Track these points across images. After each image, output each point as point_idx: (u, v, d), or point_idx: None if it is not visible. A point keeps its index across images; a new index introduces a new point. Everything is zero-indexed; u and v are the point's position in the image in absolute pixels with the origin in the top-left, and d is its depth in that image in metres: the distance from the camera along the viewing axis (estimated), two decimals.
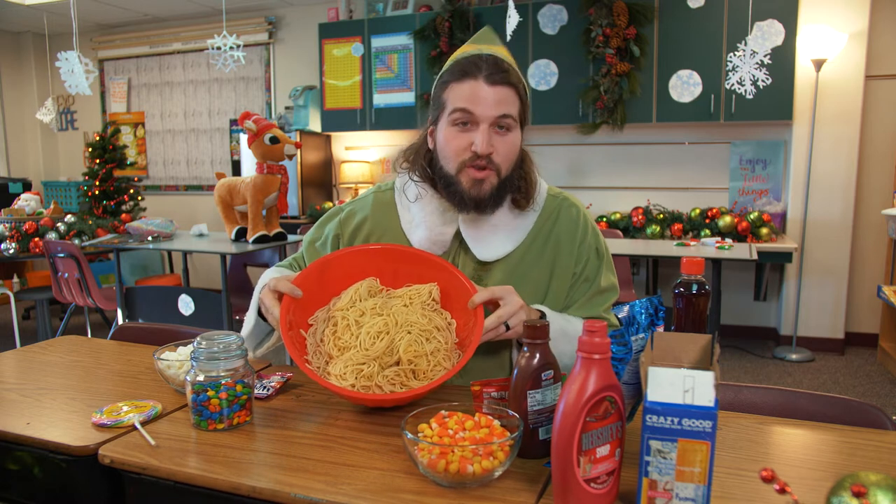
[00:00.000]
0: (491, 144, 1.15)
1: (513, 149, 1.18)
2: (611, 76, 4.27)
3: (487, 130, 1.14)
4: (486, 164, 1.16)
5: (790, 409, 1.13)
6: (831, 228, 4.20)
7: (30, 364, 1.36)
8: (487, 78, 1.13)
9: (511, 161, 1.19)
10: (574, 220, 1.29)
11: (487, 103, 1.13)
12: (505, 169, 1.18)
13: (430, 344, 1.09)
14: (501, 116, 1.14)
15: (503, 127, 1.16)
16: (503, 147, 1.16)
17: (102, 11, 5.74)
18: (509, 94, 1.15)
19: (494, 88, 1.13)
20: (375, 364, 1.06)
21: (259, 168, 3.56)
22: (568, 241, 1.27)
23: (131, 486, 0.93)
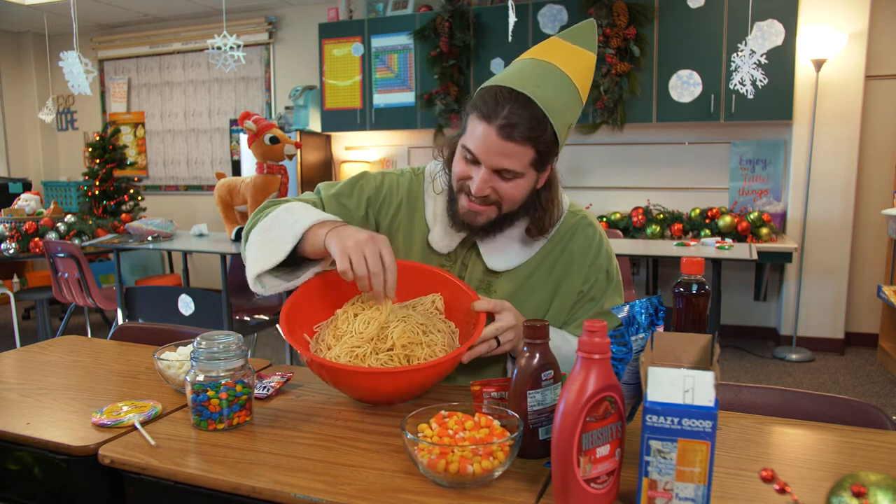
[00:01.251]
0: (490, 186, 1.12)
1: (516, 192, 1.14)
2: (611, 76, 4.27)
3: (487, 175, 1.11)
4: (482, 203, 1.14)
5: (790, 409, 1.13)
6: (831, 228, 4.20)
7: (30, 364, 1.36)
8: (500, 129, 1.06)
9: (515, 201, 1.15)
10: (589, 239, 1.27)
11: (492, 153, 1.09)
12: (507, 206, 1.16)
13: (427, 336, 1.10)
14: (502, 170, 1.11)
15: (507, 177, 1.12)
16: (505, 189, 1.13)
17: (102, 11, 5.74)
18: (518, 151, 1.08)
19: (503, 143, 1.07)
20: (369, 346, 1.07)
21: (259, 168, 3.56)
22: (580, 259, 1.26)
23: (131, 486, 0.93)
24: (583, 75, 1.14)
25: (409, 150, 5.38)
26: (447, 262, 1.28)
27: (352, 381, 1.04)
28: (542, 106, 1.07)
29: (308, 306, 1.16)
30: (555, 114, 1.08)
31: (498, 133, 1.07)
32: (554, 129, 1.09)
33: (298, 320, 1.14)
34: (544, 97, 1.08)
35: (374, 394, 1.07)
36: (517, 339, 1.14)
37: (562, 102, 1.10)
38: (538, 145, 1.08)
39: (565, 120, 1.11)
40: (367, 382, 1.03)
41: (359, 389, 1.06)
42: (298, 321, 1.14)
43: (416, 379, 1.04)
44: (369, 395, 1.07)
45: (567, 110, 1.11)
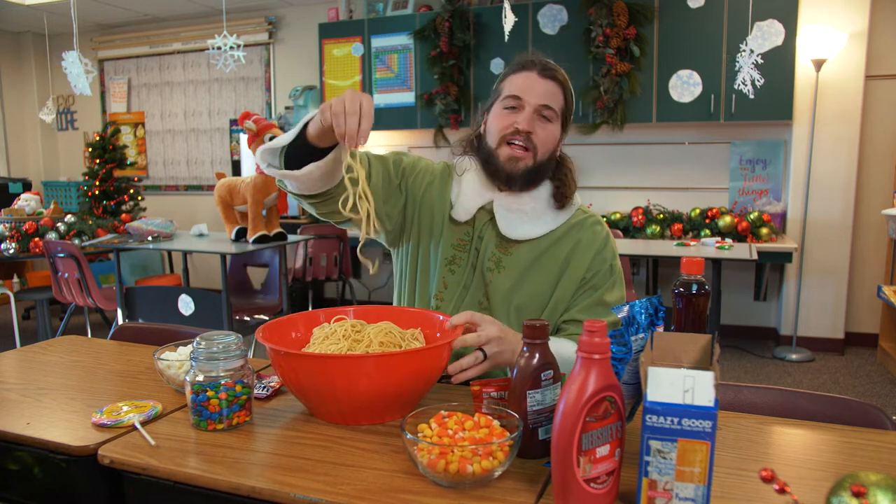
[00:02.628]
0: (532, 125, 1.27)
1: (551, 137, 1.30)
2: (611, 76, 4.27)
3: (531, 114, 1.27)
4: (525, 143, 1.28)
5: (790, 409, 1.13)
6: (831, 228, 4.20)
7: (30, 364, 1.36)
8: (541, 71, 1.29)
9: (548, 148, 1.30)
10: (597, 234, 1.35)
11: (536, 92, 1.27)
12: (541, 153, 1.30)
13: (405, 342, 1.10)
14: (545, 106, 1.28)
15: (545, 117, 1.28)
16: (542, 132, 1.28)
17: (102, 11, 5.74)
18: (556, 90, 1.29)
19: (545, 80, 1.28)
20: (346, 342, 1.07)
21: (259, 168, 3.55)
22: (586, 248, 1.33)
23: (131, 486, 0.93)
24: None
25: (409, 151, 5.37)
26: (465, 237, 1.34)
27: (327, 377, 0.96)
28: (562, 76, 1.32)
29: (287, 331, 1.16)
30: (569, 86, 1.33)
31: (539, 73, 1.29)
32: (571, 89, 1.34)
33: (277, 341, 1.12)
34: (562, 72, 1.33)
35: (351, 396, 0.97)
36: (505, 352, 1.11)
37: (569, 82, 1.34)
38: (566, 92, 1.31)
39: (572, 94, 1.35)
40: (341, 373, 0.95)
41: (334, 390, 0.97)
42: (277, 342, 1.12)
43: (396, 372, 0.97)
44: (346, 397, 0.97)
45: (572, 89, 1.36)
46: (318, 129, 1.12)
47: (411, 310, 1.22)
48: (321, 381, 0.97)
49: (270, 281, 4.10)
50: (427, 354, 1.01)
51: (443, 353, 1.04)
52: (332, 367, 0.96)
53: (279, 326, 1.15)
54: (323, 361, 0.97)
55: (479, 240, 1.34)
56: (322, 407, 1.02)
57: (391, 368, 0.97)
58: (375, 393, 0.98)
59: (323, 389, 0.98)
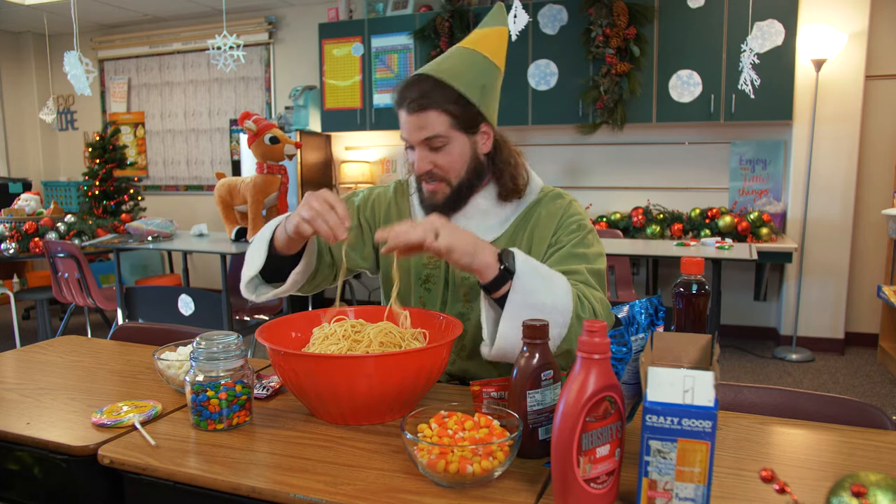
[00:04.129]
0: (429, 162, 1.24)
1: (454, 158, 1.25)
2: (611, 76, 4.27)
3: (422, 152, 1.24)
4: (430, 179, 1.27)
5: (790, 409, 1.13)
6: (831, 228, 4.20)
7: (30, 364, 1.36)
8: (408, 107, 1.22)
9: (459, 168, 1.26)
10: (558, 206, 1.32)
11: (413, 131, 1.23)
12: (454, 176, 1.26)
13: (406, 342, 1.10)
14: (426, 140, 1.23)
15: (436, 147, 1.23)
16: (443, 160, 1.24)
17: (102, 11, 5.74)
18: (432, 117, 1.21)
19: (416, 116, 1.22)
20: (346, 342, 1.07)
21: (259, 168, 3.56)
22: (547, 221, 1.30)
23: (131, 486, 0.93)
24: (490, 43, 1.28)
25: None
26: (432, 255, 1.31)
27: (327, 377, 0.96)
28: (439, 76, 1.22)
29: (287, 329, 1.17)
30: (456, 78, 1.22)
31: (408, 111, 1.22)
32: (458, 90, 1.22)
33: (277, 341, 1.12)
34: (441, 69, 1.23)
35: (351, 396, 0.98)
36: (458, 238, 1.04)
37: (464, 68, 1.24)
38: (447, 107, 1.21)
39: (474, 80, 1.24)
40: (341, 373, 0.96)
41: (334, 390, 0.97)
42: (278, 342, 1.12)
43: (396, 372, 0.96)
44: (346, 397, 0.98)
45: (474, 72, 1.24)
46: (285, 241, 1.21)
47: (410, 309, 1.22)
48: (321, 381, 0.97)
49: None
50: (427, 354, 1.00)
51: (443, 353, 1.03)
52: (332, 367, 0.96)
53: (279, 326, 1.15)
54: (322, 362, 0.97)
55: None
56: (322, 407, 1.02)
57: (391, 368, 0.97)
58: (375, 393, 0.98)
59: (323, 390, 0.98)
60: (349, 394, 0.97)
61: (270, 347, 1.01)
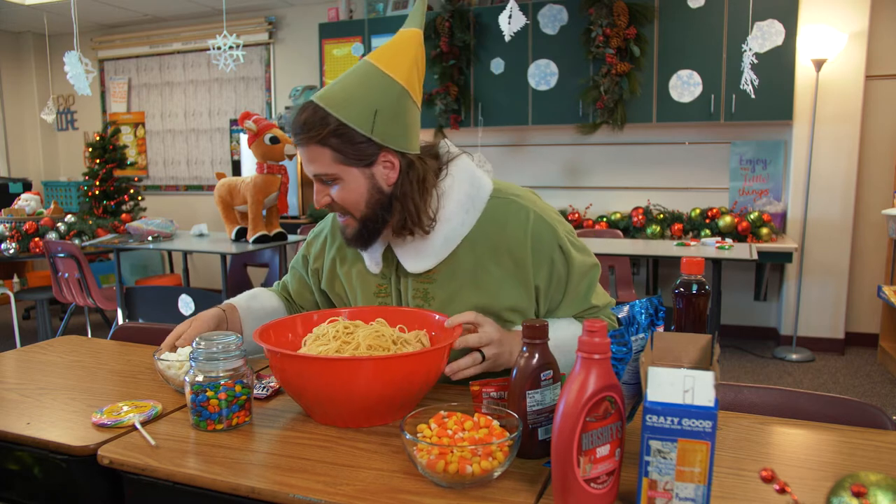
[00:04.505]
0: (326, 195, 1.16)
1: (348, 196, 1.14)
2: (611, 76, 4.27)
3: (317, 185, 1.17)
4: (338, 214, 1.19)
5: (790, 409, 1.13)
6: (831, 228, 4.20)
7: (30, 364, 1.36)
8: (297, 140, 1.14)
9: (357, 202, 1.14)
10: (523, 226, 1.19)
11: (304, 163, 1.15)
12: (356, 212, 1.16)
13: (398, 346, 1.08)
14: (316, 176, 1.15)
15: (326, 182, 1.15)
16: (338, 195, 1.15)
17: (102, 11, 5.74)
18: (315, 152, 1.12)
19: (304, 149, 1.13)
20: (335, 343, 1.07)
21: (259, 168, 3.56)
22: (520, 252, 1.19)
23: (130, 486, 0.93)
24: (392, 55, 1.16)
25: None
26: (384, 281, 1.28)
27: (316, 379, 0.96)
28: (321, 104, 1.11)
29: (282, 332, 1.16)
30: (342, 105, 1.10)
31: (298, 144, 1.14)
32: (339, 119, 1.09)
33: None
34: (324, 95, 1.12)
35: (348, 398, 0.96)
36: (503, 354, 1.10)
37: (355, 91, 1.11)
38: (326, 141, 1.10)
39: (366, 105, 1.10)
40: (329, 375, 0.95)
41: (324, 392, 0.97)
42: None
43: (391, 375, 0.95)
44: (343, 399, 0.96)
45: (366, 95, 1.11)
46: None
47: (408, 310, 1.22)
48: (310, 382, 0.97)
49: (270, 281, 4.10)
50: (423, 358, 0.99)
51: (440, 356, 1.02)
52: (323, 369, 0.96)
53: (277, 327, 1.14)
54: (310, 363, 0.97)
55: (398, 279, 1.25)
56: (318, 408, 1.01)
57: (386, 371, 0.96)
58: (372, 396, 0.97)
59: (312, 391, 0.98)
60: (346, 395, 0.96)
61: (266, 348, 1.00)
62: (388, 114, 1.11)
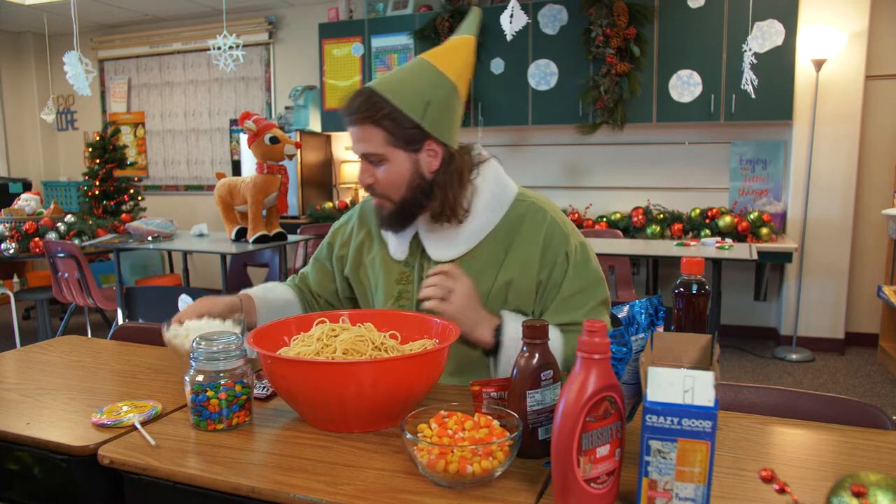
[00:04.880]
0: (370, 176, 1.23)
1: (391, 177, 1.22)
2: (611, 76, 4.27)
3: (363, 165, 1.24)
4: (372, 193, 1.26)
5: (790, 409, 1.13)
6: (831, 228, 4.20)
7: (30, 364, 1.36)
8: (349, 120, 1.22)
9: (398, 185, 1.22)
10: (538, 225, 1.26)
11: (353, 143, 1.23)
12: (394, 194, 1.23)
13: (377, 352, 1.06)
14: (364, 155, 1.22)
15: (373, 161, 1.22)
16: (382, 176, 1.22)
17: (102, 11, 5.74)
18: (367, 132, 1.19)
19: (354, 129, 1.21)
20: (317, 344, 1.07)
21: (259, 168, 3.56)
22: (530, 248, 1.25)
23: (131, 486, 0.93)
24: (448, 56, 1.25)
25: None
26: (407, 269, 1.33)
27: (300, 381, 0.96)
28: (378, 90, 1.19)
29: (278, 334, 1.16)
30: (398, 93, 1.19)
31: (349, 123, 1.22)
32: (394, 104, 1.18)
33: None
34: (384, 83, 1.21)
35: (341, 402, 0.95)
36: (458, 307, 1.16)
37: (409, 83, 1.20)
38: (380, 123, 1.18)
39: (418, 95, 1.19)
40: (314, 377, 0.95)
41: (319, 397, 0.96)
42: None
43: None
44: (334, 403, 0.96)
45: (420, 87, 1.20)
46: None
47: (406, 313, 1.21)
48: (295, 385, 0.96)
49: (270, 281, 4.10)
50: (419, 362, 0.98)
51: (438, 360, 1.02)
52: (307, 372, 0.95)
53: (272, 330, 1.14)
54: (294, 366, 0.96)
55: (421, 268, 1.31)
56: (311, 412, 1.00)
57: (378, 376, 0.94)
58: (365, 401, 0.95)
59: (297, 394, 0.97)
60: (339, 399, 0.95)
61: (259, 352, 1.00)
62: (438, 106, 1.20)
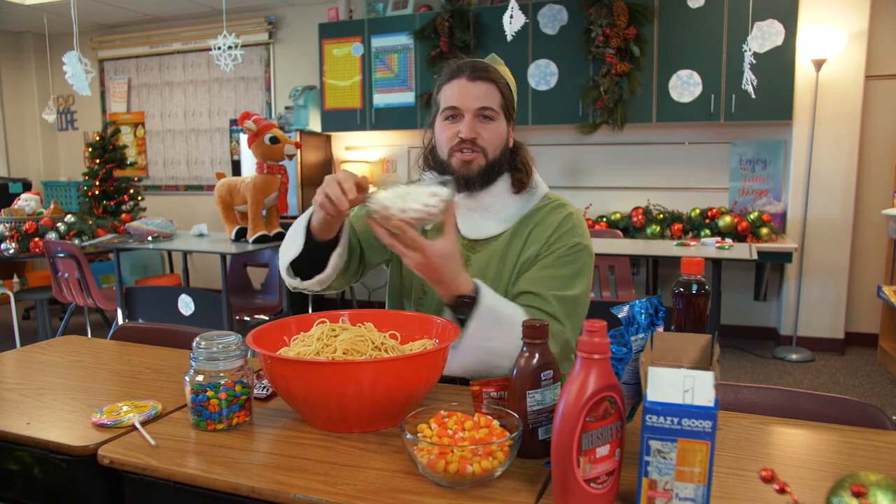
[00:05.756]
0: (475, 130, 1.30)
1: (497, 134, 1.32)
2: (611, 76, 4.27)
3: (471, 119, 1.29)
4: (472, 147, 1.30)
5: (790, 409, 1.13)
6: (831, 228, 4.20)
7: (30, 364, 1.36)
8: (470, 75, 1.30)
9: (497, 145, 1.33)
10: (559, 216, 1.34)
11: (470, 97, 1.29)
12: (491, 151, 1.32)
13: (377, 353, 1.06)
14: (482, 108, 1.29)
15: (486, 117, 1.30)
16: (487, 133, 1.31)
17: (102, 11, 5.74)
18: (489, 89, 1.30)
19: (475, 84, 1.29)
20: (318, 344, 1.06)
21: (259, 168, 3.56)
22: (544, 229, 1.33)
23: (131, 486, 0.93)
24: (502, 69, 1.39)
25: (409, 151, 5.37)
26: None
27: (299, 380, 0.96)
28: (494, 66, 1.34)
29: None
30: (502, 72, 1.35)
31: (468, 78, 1.30)
32: (507, 79, 1.34)
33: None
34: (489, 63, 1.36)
35: (340, 402, 0.95)
36: (430, 265, 1.12)
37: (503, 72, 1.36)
38: (501, 87, 1.32)
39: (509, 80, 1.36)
40: (317, 380, 0.95)
41: (311, 394, 0.96)
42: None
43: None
44: (334, 403, 0.96)
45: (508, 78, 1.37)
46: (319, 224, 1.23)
47: (406, 313, 1.21)
48: (294, 384, 0.96)
49: (270, 281, 4.10)
50: (419, 362, 0.98)
51: (438, 360, 1.01)
52: (307, 372, 0.95)
53: (272, 330, 1.13)
54: (294, 366, 0.96)
55: None
56: (311, 412, 1.00)
57: (378, 376, 0.94)
58: (365, 401, 0.95)
59: (298, 394, 0.97)
60: (338, 399, 0.95)
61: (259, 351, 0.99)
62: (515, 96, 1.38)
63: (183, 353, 1.45)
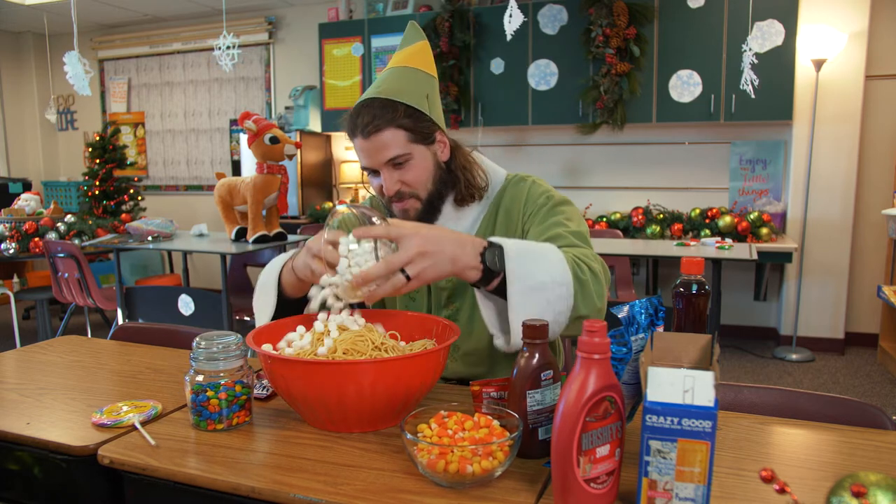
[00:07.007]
0: (395, 182, 1.23)
1: (420, 171, 1.25)
2: (611, 76, 4.27)
3: (387, 173, 1.23)
4: (400, 197, 1.25)
5: (790, 409, 1.13)
6: (831, 228, 4.20)
7: (30, 364, 1.36)
8: (363, 133, 1.21)
9: (426, 180, 1.26)
10: (520, 190, 1.32)
11: (373, 156, 1.22)
12: (423, 189, 1.26)
13: (376, 352, 1.05)
14: (391, 161, 1.22)
15: (399, 164, 1.22)
16: (409, 175, 1.24)
17: (102, 11, 5.74)
18: (389, 136, 1.20)
19: (371, 140, 1.21)
20: (315, 344, 1.06)
21: (259, 168, 3.55)
22: (514, 205, 1.31)
23: (131, 486, 0.93)
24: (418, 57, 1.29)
25: None
26: None
27: (296, 380, 0.96)
28: (384, 96, 1.21)
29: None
30: (402, 94, 1.22)
31: (364, 137, 1.21)
32: (406, 104, 1.21)
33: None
34: (384, 90, 1.22)
35: (340, 401, 0.95)
36: (434, 262, 1.00)
37: (405, 83, 1.24)
38: (400, 123, 1.20)
39: (418, 92, 1.24)
40: (308, 376, 0.95)
41: (318, 396, 0.96)
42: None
43: (382, 380, 0.93)
44: (334, 402, 0.96)
45: (415, 85, 1.25)
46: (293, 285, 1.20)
47: (406, 313, 1.21)
48: (294, 384, 0.96)
49: None
50: (419, 362, 0.97)
51: (438, 360, 1.01)
52: (306, 372, 0.94)
53: (272, 330, 1.13)
54: (294, 366, 0.95)
55: None
56: (310, 412, 1.00)
57: (378, 376, 0.94)
58: (365, 401, 0.95)
59: (297, 393, 0.97)
60: (338, 398, 0.95)
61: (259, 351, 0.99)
62: (433, 99, 1.27)
63: (183, 353, 1.45)
